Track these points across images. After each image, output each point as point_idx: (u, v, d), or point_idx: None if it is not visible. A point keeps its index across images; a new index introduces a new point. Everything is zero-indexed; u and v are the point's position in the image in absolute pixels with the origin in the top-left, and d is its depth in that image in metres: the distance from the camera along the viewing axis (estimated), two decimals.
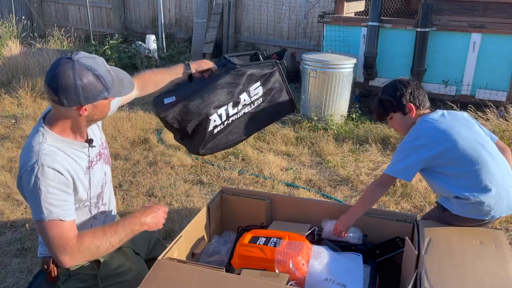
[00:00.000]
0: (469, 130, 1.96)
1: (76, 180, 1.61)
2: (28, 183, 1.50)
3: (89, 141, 1.71)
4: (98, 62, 1.54)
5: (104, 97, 1.54)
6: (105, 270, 1.77)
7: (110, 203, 1.89)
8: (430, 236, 1.83)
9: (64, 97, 1.49)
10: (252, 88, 1.97)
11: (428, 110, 2.09)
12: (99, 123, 1.89)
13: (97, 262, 1.76)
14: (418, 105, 2.05)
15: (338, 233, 2.05)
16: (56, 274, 1.72)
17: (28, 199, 1.53)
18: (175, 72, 1.98)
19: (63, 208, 1.53)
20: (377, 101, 2.15)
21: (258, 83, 1.97)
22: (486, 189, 1.87)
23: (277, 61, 2.04)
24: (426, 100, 2.09)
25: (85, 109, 1.54)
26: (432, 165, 1.95)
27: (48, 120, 1.64)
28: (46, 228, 1.50)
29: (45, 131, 1.59)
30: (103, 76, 1.52)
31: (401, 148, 1.99)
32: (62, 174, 1.54)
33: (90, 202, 1.73)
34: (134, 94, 1.98)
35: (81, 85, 1.47)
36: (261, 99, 2.01)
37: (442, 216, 2.00)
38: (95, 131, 1.81)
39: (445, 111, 2.05)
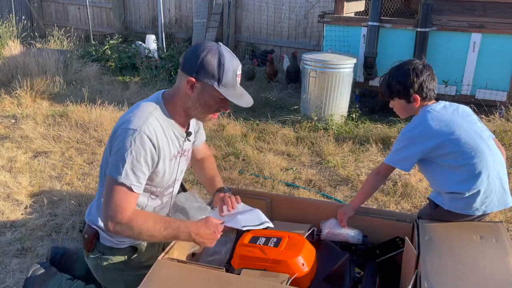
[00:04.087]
0: (469, 123, 1.96)
1: (161, 161, 1.65)
2: (122, 140, 1.55)
3: (188, 134, 1.76)
4: (233, 60, 1.59)
5: (212, 84, 1.56)
6: (137, 260, 1.82)
7: (170, 201, 1.93)
8: (429, 234, 1.83)
9: (184, 60, 1.59)
10: None
11: (432, 101, 2.07)
12: (201, 128, 1.97)
13: (134, 249, 1.82)
14: (424, 96, 2.02)
15: (340, 220, 2.11)
16: (93, 246, 1.79)
17: (114, 154, 1.57)
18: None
19: (139, 179, 1.58)
20: (386, 81, 2.08)
21: None
22: (481, 184, 1.88)
23: None
24: (434, 92, 2.04)
25: (194, 85, 1.58)
26: (430, 156, 1.95)
27: (167, 93, 1.70)
28: (114, 188, 1.55)
29: (160, 103, 1.66)
30: (225, 69, 1.55)
31: (401, 137, 1.99)
32: (155, 149, 1.59)
33: (156, 190, 1.76)
34: (199, 154, 2.10)
35: (202, 58, 1.54)
36: None
37: (434, 213, 2.01)
38: (193, 131, 1.85)
39: (447, 103, 2.04)
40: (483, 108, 4.84)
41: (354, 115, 5.10)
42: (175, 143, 1.71)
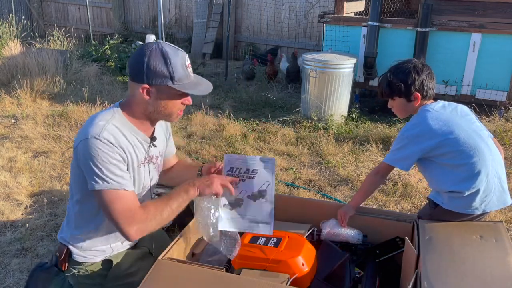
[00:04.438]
0: (468, 123, 1.96)
1: (130, 166, 1.60)
2: (86, 153, 1.49)
3: (152, 139, 1.71)
4: (178, 53, 1.56)
5: (166, 84, 1.54)
6: (116, 271, 1.76)
7: None
8: (429, 234, 1.83)
9: (131, 70, 1.56)
10: None
11: (431, 100, 2.08)
12: (170, 133, 1.92)
13: (109, 262, 1.75)
14: (424, 95, 2.02)
15: (340, 220, 2.10)
16: (66, 265, 1.72)
17: (87, 169, 1.51)
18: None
19: (124, 178, 1.53)
20: (386, 80, 2.07)
21: None
22: (480, 183, 1.88)
23: None
24: (433, 91, 2.05)
25: (149, 90, 1.55)
26: (430, 155, 1.95)
27: (124, 102, 1.67)
28: (110, 199, 1.49)
29: (117, 111, 1.62)
30: (173, 65, 1.53)
31: (400, 137, 1.99)
32: (122, 151, 1.54)
33: None
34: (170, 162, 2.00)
35: (147, 62, 1.52)
36: None
37: (433, 212, 2.01)
38: (161, 138, 1.81)
39: (446, 103, 2.04)
40: (483, 108, 4.84)
41: (354, 115, 5.10)
42: (140, 149, 1.66)
